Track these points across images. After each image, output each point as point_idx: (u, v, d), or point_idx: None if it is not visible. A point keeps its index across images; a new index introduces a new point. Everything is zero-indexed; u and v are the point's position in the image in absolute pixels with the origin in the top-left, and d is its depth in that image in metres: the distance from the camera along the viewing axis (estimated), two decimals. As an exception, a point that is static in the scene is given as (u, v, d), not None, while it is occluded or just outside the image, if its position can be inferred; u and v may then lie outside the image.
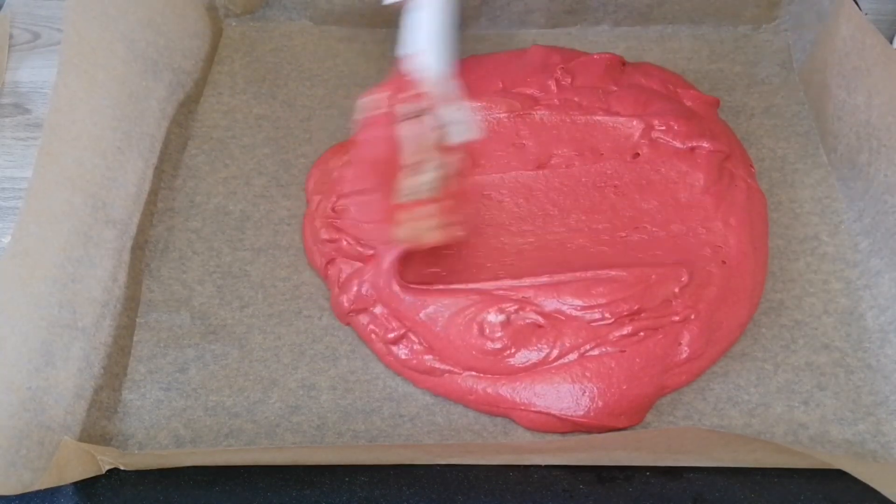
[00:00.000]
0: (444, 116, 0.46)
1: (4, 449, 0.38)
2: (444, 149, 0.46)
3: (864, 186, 0.51)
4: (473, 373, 0.46)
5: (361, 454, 0.43)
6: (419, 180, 0.45)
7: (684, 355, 0.45)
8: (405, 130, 0.45)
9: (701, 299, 0.46)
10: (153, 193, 0.54)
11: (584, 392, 0.44)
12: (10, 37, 0.65)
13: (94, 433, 0.44)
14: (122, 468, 0.43)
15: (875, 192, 0.49)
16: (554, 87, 0.56)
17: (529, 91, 0.56)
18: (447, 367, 0.46)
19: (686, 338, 0.45)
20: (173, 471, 0.42)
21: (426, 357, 0.46)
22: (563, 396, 0.44)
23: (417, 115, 0.46)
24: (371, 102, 0.46)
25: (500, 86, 0.57)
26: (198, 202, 0.55)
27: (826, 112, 0.56)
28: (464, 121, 0.46)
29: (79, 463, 0.41)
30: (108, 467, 0.42)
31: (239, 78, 0.62)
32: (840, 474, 0.39)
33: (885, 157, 0.48)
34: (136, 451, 0.44)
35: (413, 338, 0.47)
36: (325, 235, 0.51)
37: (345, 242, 0.50)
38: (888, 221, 0.48)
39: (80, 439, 0.43)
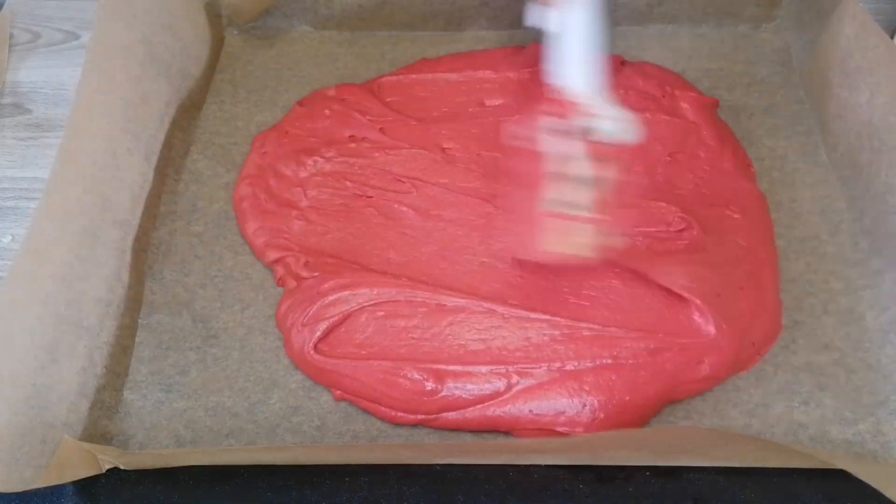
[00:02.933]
0: (597, 125, 0.45)
1: (7, 446, 0.38)
2: (598, 160, 0.45)
3: (865, 186, 0.51)
4: (450, 413, 0.44)
5: (361, 454, 0.43)
6: (571, 194, 0.44)
7: (704, 373, 0.44)
8: (551, 145, 0.45)
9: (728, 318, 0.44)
10: (156, 196, 0.54)
11: (585, 406, 0.43)
12: (11, 37, 0.65)
13: (95, 432, 0.44)
14: (122, 468, 0.43)
15: (876, 192, 0.49)
16: (554, 87, 0.56)
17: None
18: (417, 417, 0.44)
19: (711, 358, 0.44)
20: (173, 471, 0.42)
21: (393, 412, 0.44)
22: (563, 411, 0.43)
23: (565, 129, 0.45)
24: (519, 132, 0.46)
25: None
26: (200, 207, 0.55)
27: (827, 111, 0.56)
28: (621, 124, 0.45)
29: (79, 462, 0.41)
30: (108, 466, 0.42)
31: (240, 85, 0.62)
32: (840, 474, 0.38)
33: (887, 157, 0.48)
34: (137, 451, 0.44)
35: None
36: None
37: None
38: (889, 221, 0.48)
39: (82, 438, 0.43)
